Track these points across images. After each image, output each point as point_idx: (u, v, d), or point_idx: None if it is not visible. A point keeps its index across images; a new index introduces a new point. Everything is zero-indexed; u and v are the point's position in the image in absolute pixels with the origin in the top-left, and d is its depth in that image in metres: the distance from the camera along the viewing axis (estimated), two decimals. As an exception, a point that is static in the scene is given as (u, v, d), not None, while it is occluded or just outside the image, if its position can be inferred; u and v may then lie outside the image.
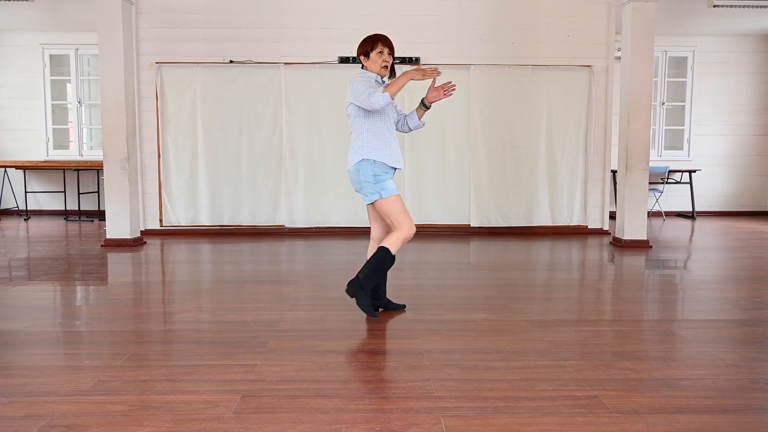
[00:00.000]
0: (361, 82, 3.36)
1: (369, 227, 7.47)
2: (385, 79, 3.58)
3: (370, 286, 3.49)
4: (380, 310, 3.73)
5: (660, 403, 2.37)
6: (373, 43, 3.45)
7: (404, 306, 3.80)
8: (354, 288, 3.47)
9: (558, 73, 7.48)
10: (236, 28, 7.34)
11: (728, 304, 4.00)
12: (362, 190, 3.47)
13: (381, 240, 3.65)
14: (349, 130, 3.58)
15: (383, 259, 3.44)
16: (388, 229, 3.66)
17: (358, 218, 7.47)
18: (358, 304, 3.49)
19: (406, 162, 7.50)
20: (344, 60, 7.33)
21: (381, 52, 3.45)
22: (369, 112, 3.43)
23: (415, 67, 3.39)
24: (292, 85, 7.33)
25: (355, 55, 7.23)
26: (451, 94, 3.52)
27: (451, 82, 3.50)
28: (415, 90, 7.05)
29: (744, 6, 7.48)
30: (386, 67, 3.49)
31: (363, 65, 3.54)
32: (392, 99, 3.29)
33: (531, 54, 7.49)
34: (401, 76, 3.29)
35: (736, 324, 3.52)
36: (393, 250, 3.44)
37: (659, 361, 2.88)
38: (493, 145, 7.55)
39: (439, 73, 3.31)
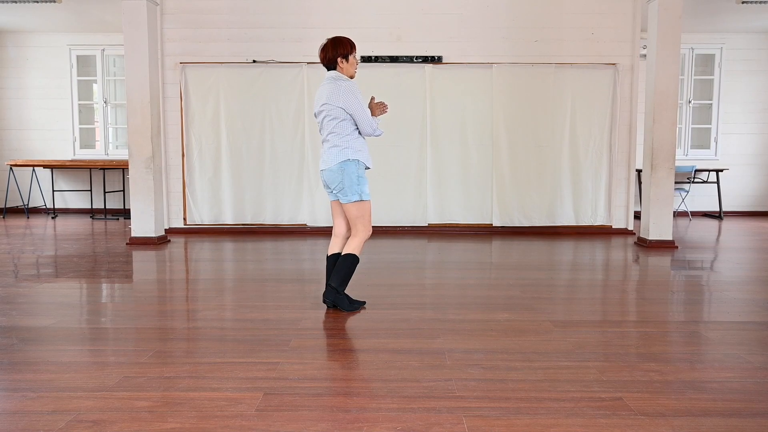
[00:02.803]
0: (359, 98, 3.54)
1: (388, 226, 7.52)
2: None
3: (344, 289, 3.71)
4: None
5: (686, 406, 2.34)
6: (351, 46, 3.62)
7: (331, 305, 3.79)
8: (332, 297, 3.68)
9: (582, 72, 7.41)
10: (259, 28, 7.39)
11: (756, 306, 3.93)
12: (343, 189, 3.58)
13: (345, 237, 3.83)
14: (327, 131, 3.64)
15: (352, 264, 3.67)
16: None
17: (379, 217, 7.47)
18: (343, 307, 3.68)
19: (427, 161, 7.50)
20: (366, 59, 7.33)
21: (355, 56, 3.66)
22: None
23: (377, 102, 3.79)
24: (314, 85, 7.36)
25: (376, 54, 7.35)
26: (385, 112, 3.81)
27: (383, 103, 3.80)
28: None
29: (773, 2, 7.35)
30: (355, 70, 3.72)
31: (333, 67, 3.63)
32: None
33: (555, 52, 7.42)
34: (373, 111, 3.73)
35: (765, 326, 3.46)
36: (358, 253, 3.68)
37: (685, 363, 2.84)
38: (515, 144, 7.50)
39: (385, 107, 3.77)
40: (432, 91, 7.44)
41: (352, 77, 3.66)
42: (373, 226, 7.47)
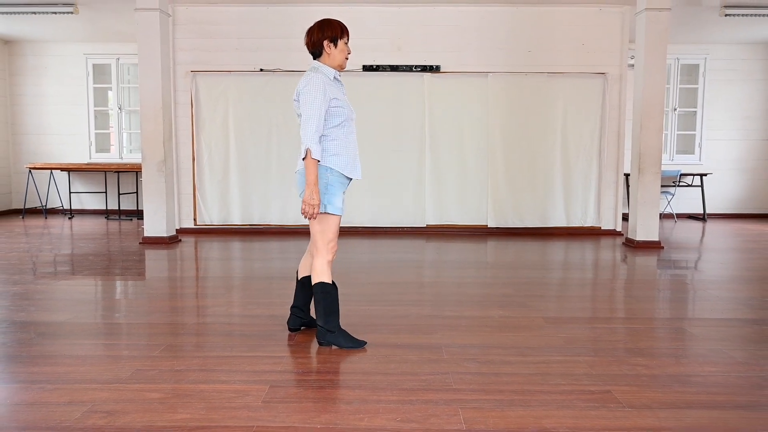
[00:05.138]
0: (319, 95, 2.78)
1: (389, 227, 7.51)
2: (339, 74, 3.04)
3: (337, 323, 2.96)
4: (302, 328, 3.26)
5: (671, 399, 2.34)
6: (342, 30, 2.91)
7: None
8: (324, 337, 2.96)
9: (573, 81, 7.41)
10: (266, 38, 7.39)
11: (739, 304, 3.92)
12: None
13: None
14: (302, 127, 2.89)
15: (325, 293, 2.92)
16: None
17: (383, 219, 7.47)
18: (341, 346, 2.94)
19: (426, 166, 7.49)
20: (367, 68, 7.33)
21: (347, 43, 2.95)
22: (330, 114, 2.86)
23: (316, 205, 2.76)
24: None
25: (377, 63, 7.35)
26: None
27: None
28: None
29: (755, 15, 7.33)
30: (347, 59, 3.00)
31: (319, 53, 2.92)
32: (311, 157, 2.74)
33: (547, 62, 7.42)
34: (314, 184, 2.75)
35: (747, 323, 3.46)
36: (327, 280, 2.92)
37: (671, 357, 2.83)
38: (510, 149, 7.50)
39: (307, 215, 2.78)
40: (431, 99, 7.44)
41: (340, 67, 2.96)
42: (374, 228, 7.58)
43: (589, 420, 2.14)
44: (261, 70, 7.40)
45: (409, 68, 7.40)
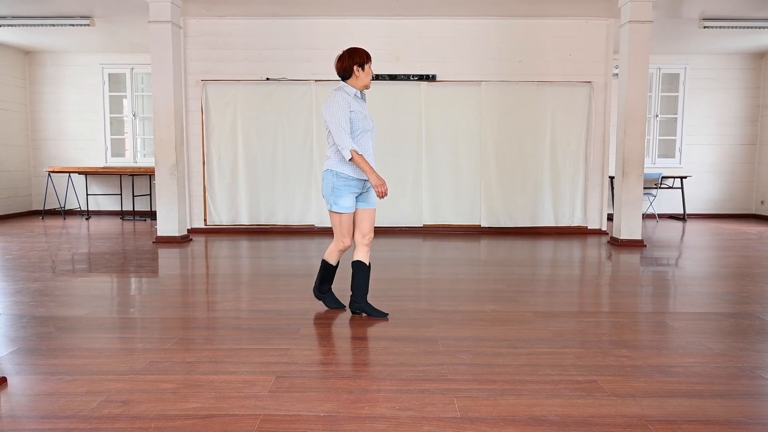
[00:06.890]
0: (341, 109, 3.15)
1: (387, 227, 7.51)
2: (365, 92, 3.46)
3: (327, 289, 3.57)
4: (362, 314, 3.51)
5: (654, 388, 2.34)
6: (368, 57, 3.28)
7: (344, 306, 3.63)
8: (356, 307, 3.42)
9: (561, 89, 7.41)
10: (272, 49, 7.39)
11: (716, 299, 3.93)
12: (325, 198, 3.33)
13: (361, 243, 3.40)
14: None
15: (324, 268, 3.51)
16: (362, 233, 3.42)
17: (382, 219, 7.46)
18: (371, 315, 3.40)
19: (423, 169, 7.48)
20: (368, 77, 7.32)
21: (371, 66, 3.32)
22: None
23: (383, 183, 3.14)
24: (321, 100, 7.35)
25: (377, 73, 7.34)
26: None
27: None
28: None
29: (732, 27, 7.34)
30: (371, 80, 3.36)
31: (349, 75, 3.26)
32: (349, 159, 3.13)
33: (537, 71, 7.43)
34: (372, 171, 3.15)
35: (724, 317, 3.46)
36: (330, 261, 3.49)
37: (653, 349, 2.84)
38: (502, 154, 7.50)
39: (382, 196, 3.18)
40: (427, 106, 7.44)
41: (366, 87, 3.31)
42: (376, 227, 7.54)
43: (576, 408, 2.14)
44: (267, 79, 7.40)
45: (407, 77, 7.41)
